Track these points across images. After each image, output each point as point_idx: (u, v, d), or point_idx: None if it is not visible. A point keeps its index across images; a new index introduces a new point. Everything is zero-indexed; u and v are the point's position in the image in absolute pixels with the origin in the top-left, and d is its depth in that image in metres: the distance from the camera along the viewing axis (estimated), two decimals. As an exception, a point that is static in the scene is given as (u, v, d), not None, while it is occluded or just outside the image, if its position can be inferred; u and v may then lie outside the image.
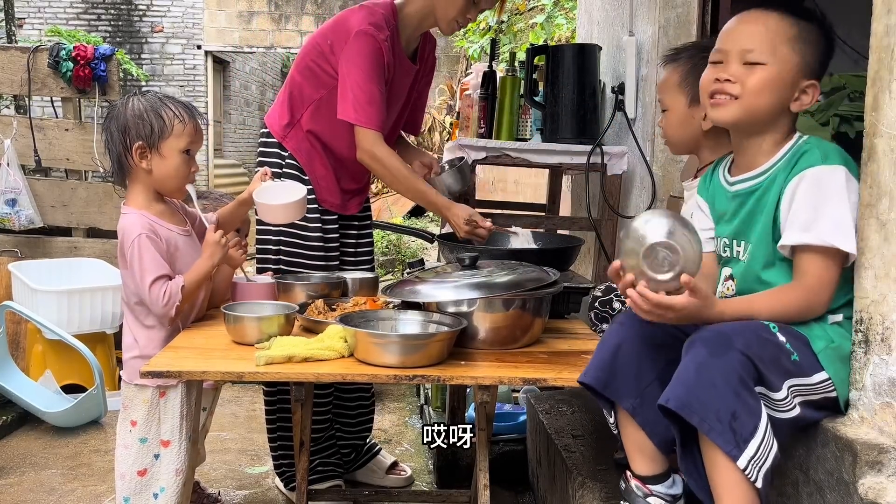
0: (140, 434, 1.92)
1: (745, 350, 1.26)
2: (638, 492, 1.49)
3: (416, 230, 2.57)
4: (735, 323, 1.34)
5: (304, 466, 2.09)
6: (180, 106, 1.98)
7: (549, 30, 7.23)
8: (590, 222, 2.77)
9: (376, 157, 2.31)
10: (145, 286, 1.88)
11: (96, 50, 4.03)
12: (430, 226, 7.90)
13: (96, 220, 4.18)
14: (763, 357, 1.28)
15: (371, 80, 2.29)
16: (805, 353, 1.34)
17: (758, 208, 1.46)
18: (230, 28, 12.18)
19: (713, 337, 1.30)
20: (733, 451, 1.23)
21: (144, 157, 1.94)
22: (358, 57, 2.29)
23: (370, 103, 2.28)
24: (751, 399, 1.25)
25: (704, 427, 1.24)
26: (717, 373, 1.25)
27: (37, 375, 3.39)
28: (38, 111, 4.96)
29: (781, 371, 1.31)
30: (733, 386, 1.24)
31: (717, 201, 1.58)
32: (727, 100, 1.46)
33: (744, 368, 1.25)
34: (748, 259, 1.48)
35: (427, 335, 1.75)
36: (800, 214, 1.38)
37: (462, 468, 2.78)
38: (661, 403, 1.29)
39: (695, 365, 1.28)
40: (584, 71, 2.81)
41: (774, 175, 1.45)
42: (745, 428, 1.23)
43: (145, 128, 1.93)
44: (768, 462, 1.24)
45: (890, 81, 1.26)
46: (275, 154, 2.49)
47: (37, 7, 11.43)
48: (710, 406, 1.24)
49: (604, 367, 1.48)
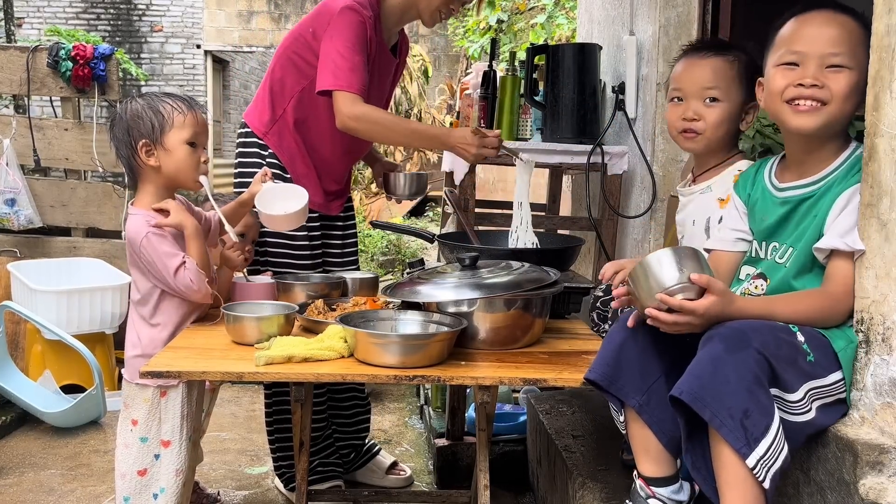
0: (141, 434, 1.92)
1: (761, 349, 1.25)
2: (641, 492, 1.49)
3: (416, 230, 2.56)
4: (754, 321, 1.32)
5: (303, 467, 2.09)
6: (178, 99, 1.99)
7: (550, 29, 7.23)
8: (590, 222, 2.77)
9: (358, 117, 2.19)
10: (171, 276, 1.87)
11: (96, 49, 4.02)
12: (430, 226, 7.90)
13: (96, 220, 4.17)
14: (780, 357, 1.27)
15: (354, 50, 2.21)
16: (822, 353, 1.33)
17: (809, 215, 1.44)
18: (230, 27, 12.18)
19: (731, 333, 1.29)
20: (743, 448, 1.22)
21: (151, 154, 1.94)
22: (342, 29, 2.22)
23: (352, 70, 2.20)
24: (765, 398, 1.24)
25: (716, 422, 1.23)
26: (732, 369, 1.24)
27: (36, 375, 3.39)
28: (38, 111, 4.96)
29: (799, 373, 1.30)
30: (747, 384, 1.23)
31: (759, 204, 1.56)
32: (814, 106, 1.40)
33: (759, 367, 1.24)
34: (790, 264, 1.46)
35: (427, 335, 1.75)
36: (842, 222, 1.37)
37: (462, 468, 2.78)
38: (674, 395, 1.28)
39: (710, 359, 1.27)
40: (585, 70, 2.81)
41: (831, 183, 1.43)
42: (756, 427, 1.22)
43: (145, 125, 1.93)
44: (778, 463, 1.23)
45: (890, 81, 1.26)
46: (254, 154, 2.44)
47: (36, 7, 11.41)
48: (723, 402, 1.23)
49: (609, 362, 1.48)
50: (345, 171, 2.56)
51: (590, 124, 2.82)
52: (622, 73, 2.88)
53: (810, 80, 1.40)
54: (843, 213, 1.38)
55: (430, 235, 2.46)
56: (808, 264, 1.44)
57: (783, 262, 1.47)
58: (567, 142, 2.78)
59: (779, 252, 1.49)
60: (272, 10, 12.29)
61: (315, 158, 2.45)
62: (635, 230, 2.86)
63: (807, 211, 1.45)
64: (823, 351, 1.33)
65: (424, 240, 2.50)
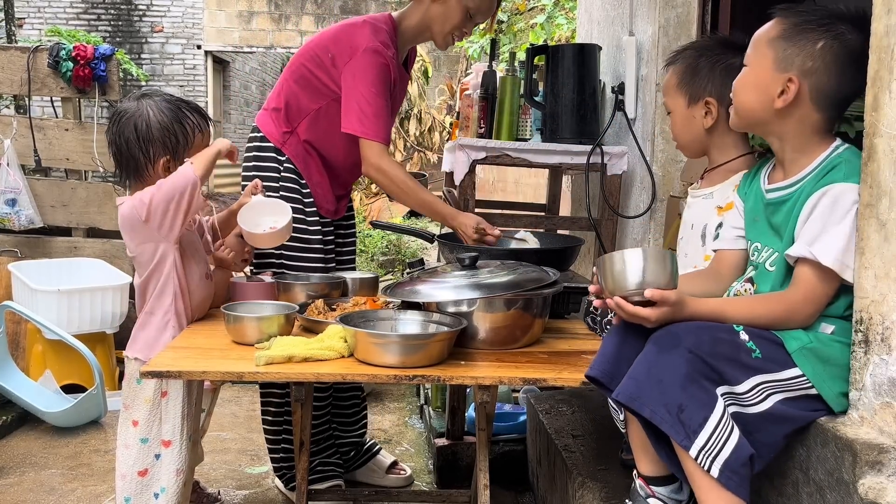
0: (141, 434, 1.92)
1: (693, 349, 1.33)
2: (641, 491, 1.50)
3: (416, 230, 2.57)
4: (689, 323, 1.38)
5: (303, 466, 2.09)
6: (197, 114, 2.00)
7: (549, 30, 7.23)
8: (590, 222, 2.77)
9: (383, 171, 2.32)
10: (151, 196, 1.86)
11: (96, 50, 4.02)
12: (430, 226, 7.89)
13: (96, 220, 4.18)
14: (717, 354, 1.34)
15: (379, 94, 2.30)
16: (771, 349, 1.37)
17: (790, 218, 1.45)
18: (230, 28, 12.18)
19: (664, 335, 1.37)
20: (684, 441, 1.29)
21: (167, 169, 1.95)
22: (366, 72, 2.29)
23: (377, 116, 2.29)
24: (700, 393, 1.31)
25: (656, 418, 1.31)
26: (663, 368, 1.32)
27: (37, 375, 3.39)
28: (38, 111, 4.96)
29: (742, 368, 1.35)
30: (679, 381, 1.31)
31: (752, 204, 1.57)
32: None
33: (691, 365, 1.31)
34: (776, 269, 1.47)
35: (427, 335, 1.75)
36: (810, 227, 1.38)
37: (462, 468, 2.78)
38: (613, 397, 1.39)
39: (645, 362, 1.36)
40: (584, 71, 2.81)
41: (805, 185, 1.44)
42: (693, 420, 1.29)
43: (171, 141, 1.95)
44: (724, 453, 1.29)
45: (890, 81, 1.26)
46: (271, 158, 2.46)
47: (37, 7, 11.42)
48: (659, 399, 1.31)
49: (610, 360, 1.48)
50: (353, 177, 2.62)
51: (589, 124, 2.82)
52: (622, 74, 2.88)
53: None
54: (810, 220, 1.39)
55: (430, 235, 2.46)
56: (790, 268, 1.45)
57: (771, 268, 1.49)
58: (567, 142, 2.78)
59: (764, 255, 1.51)
60: (272, 10, 12.29)
61: (327, 167, 2.50)
62: (635, 230, 2.86)
63: (787, 214, 1.46)
64: (773, 348, 1.37)
65: (424, 240, 2.50)
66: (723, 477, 1.28)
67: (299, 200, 2.43)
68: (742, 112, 1.53)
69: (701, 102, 1.75)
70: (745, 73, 1.52)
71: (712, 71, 1.73)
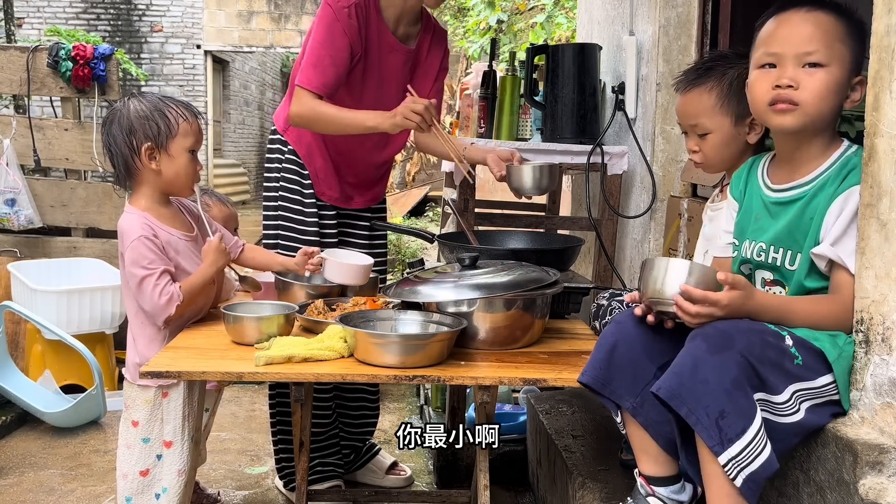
0: (142, 434, 1.92)
1: (744, 352, 1.27)
2: (641, 490, 1.49)
3: (416, 230, 2.56)
4: (741, 322, 1.33)
5: (303, 467, 2.09)
6: (181, 105, 1.99)
7: (550, 29, 7.24)
8: (590, 222, 2.77)
9: (300, 114, 2.27)
10: (137, 281, 1.86)
11: (96, 49, 4.02)
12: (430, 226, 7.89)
13: (96, 220, 4.18)
14: (764, 360, 1.28)
15: (321, 44, 2.26)
16: (811, 356, 1.33)
17: (805, 217, 1.43)
18: (230, 28, 12.18)
19: (715, 333, 1.30)
20: (716, 447, 1.24)
21: (153, 158, 1.93)
22: (316, 25, 2.29)
23: (313, 66, 2.25)
24: (743, 401, 1.25)
25: (692, 419, 1.26)
26: (711, 370, 1.26)
27: (36, 375, 3.39)
28: (38, 111, 4.95)
29: (784, 375, 1.30)
30: (726, 386, 1.25)
31: (753, 203, 1.56)
32: (789, 107, 1.40)
33: (740, 370, 1.25)
34: (799, 268, 1.45)
35: (427, 335, 1.75)
36: (835, 231, 1.38)
37: (462, 468, 2.78)
38: (653, 391, 1.31)
39: (691, 359, 1.29)
40: (585, 71, 2.81)
41: (822, 183, 1.43)
42: (732, 428, 1.24)
43: (152, 128, 1.92)
44: (753, 466, 1.24)
45: (890, 81, 1.26)
46: (277, 150, 2.52)
47: (36, 7, 11.42)
48: (701, 401, 1.25)
49: (602, 365, 1.48)
50: (364, 163, 2.53)
51: (590, 124, 2.82)
52: (622, 74, 2.88)
53: (786, 81, 1.40)
54: (837, 221, 1.38)
55: (430, 235, 2.46)
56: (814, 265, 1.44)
57: (792, 266, 1.46)
58: (567, 142, 2.78)
59: (779, 255, 1.49)
60: (272, 10, 12.29)
61: (333, 151, 2.47)
62: (635, 230, 2.86)
63: (801, 212, 1.45)
64: (812, 354, 1.34)
65: (424, 240, 2.50)
66: (745, 487, 1.24)
67: (298, 182, 2.46)
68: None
69: (748, 119, 1.71)
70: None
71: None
